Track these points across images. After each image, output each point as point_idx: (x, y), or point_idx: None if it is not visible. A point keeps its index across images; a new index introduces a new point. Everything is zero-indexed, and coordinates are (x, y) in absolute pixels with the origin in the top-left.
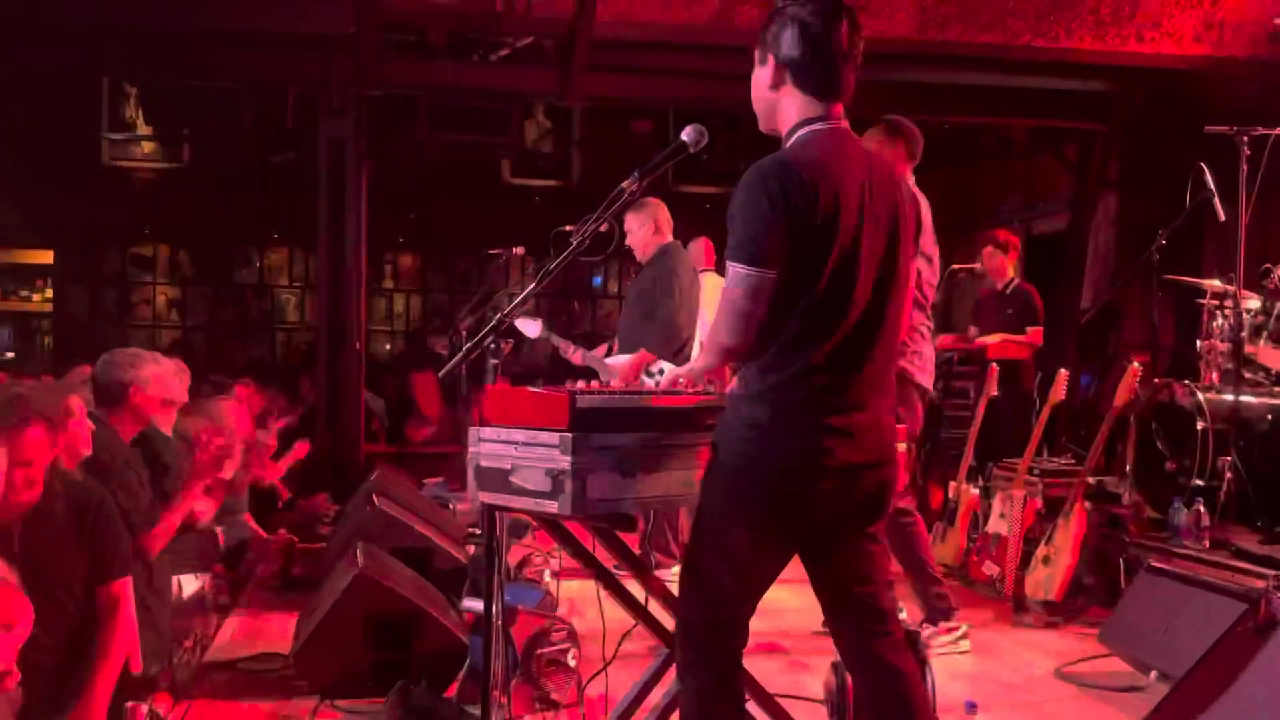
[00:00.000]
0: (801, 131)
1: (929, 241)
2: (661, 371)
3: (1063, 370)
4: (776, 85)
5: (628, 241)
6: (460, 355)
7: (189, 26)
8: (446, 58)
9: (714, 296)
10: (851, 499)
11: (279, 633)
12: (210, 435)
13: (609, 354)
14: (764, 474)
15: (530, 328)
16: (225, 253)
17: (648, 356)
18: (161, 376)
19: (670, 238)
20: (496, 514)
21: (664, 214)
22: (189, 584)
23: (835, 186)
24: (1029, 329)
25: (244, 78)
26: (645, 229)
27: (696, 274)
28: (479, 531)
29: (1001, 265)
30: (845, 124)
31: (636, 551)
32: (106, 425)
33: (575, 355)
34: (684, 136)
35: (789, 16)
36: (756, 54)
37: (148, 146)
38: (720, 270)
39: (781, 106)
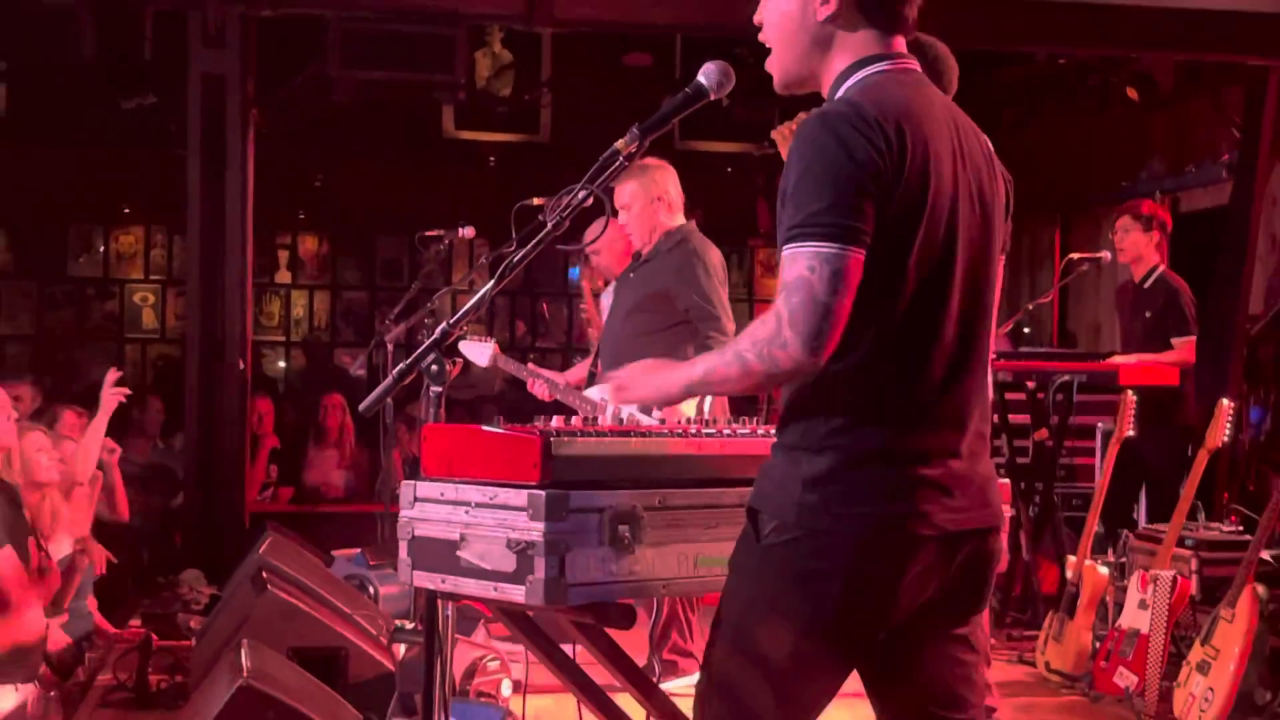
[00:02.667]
0: (862, 74)
1: None
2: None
3: (1225, 401)
4: (835, 16)
5: (631, 236)
6: (388, 381)
7: None
8: None
9: None
10: (944, 581)
11: None
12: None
13: (591, 382)
14: (833, 552)
15: (478, 353)
16: (56, 234)
17: None
18: None
19: (683, 217)
20: (439, 602)
21: (675, 184)
22: (4, 698)
23: (928, 144)
24: (1176, 340)
25: None
26: (649, 206)
27: (725, 269)
28: (411, 626)
29: (1141, 247)
30: (916, 64)
31: (639, 660)
32: None
33: (540, 388)
34: (701, 78)
35: None
36: None
37: None
38: None
39: (835, 44)
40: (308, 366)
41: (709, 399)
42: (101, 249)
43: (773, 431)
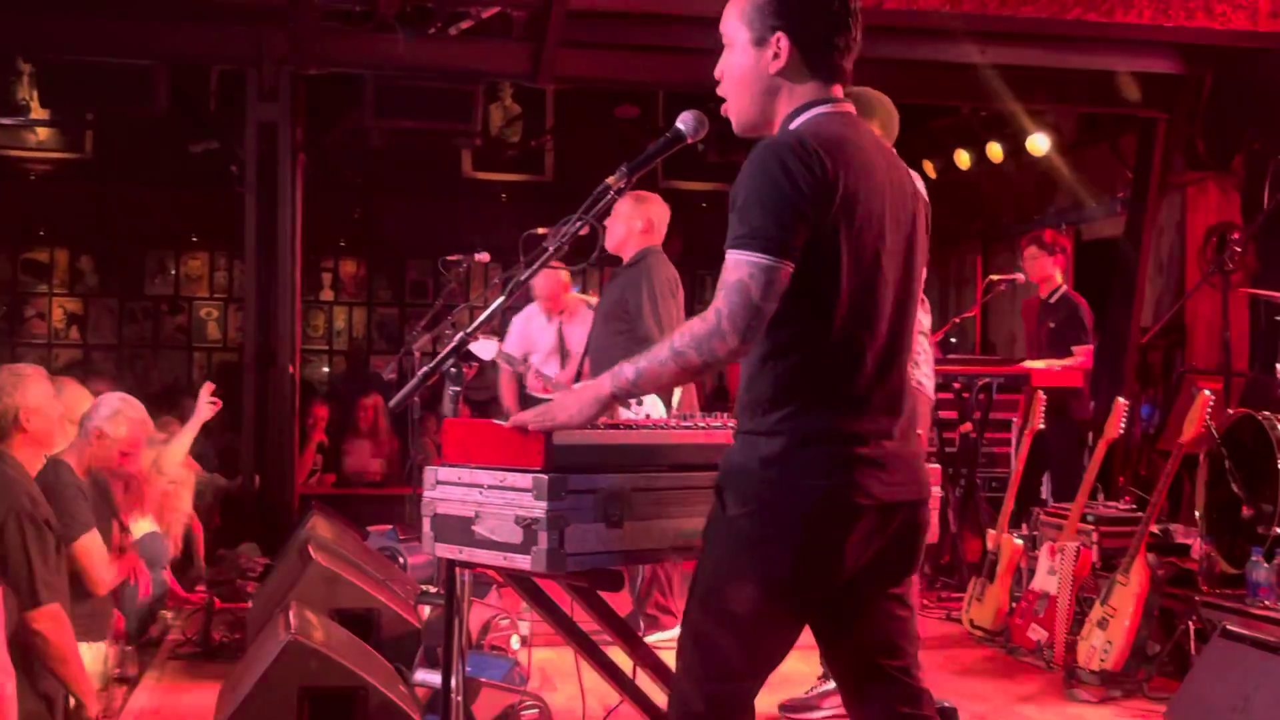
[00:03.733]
0: (805, 115)
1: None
2: (640, 402)
3: (1120, 399)
4: (783, 69)
5: (608, 235)
6: (414, 382)
7: None
8: (398, 30)
9: None
10: (882, 547)
11: (196, 711)
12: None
13: (578, 379)
14: (785, 520)
15: (484, 349)
16: (134, 259)
17: None
18: (49, 395)
19: (659, 241)
20: (456, 570)
21: (661, 214)
22: (86, 653)
23: (859, 172)
24: (1076, 348)
25: (158, 53)
26: (633, 224)
27: (678, 283)
28: (434, 590)
29: (1046, 269)
30: (852, 108)
31: (624, 613)
32: (7, 460)
33: (535, 381)
34: (680, 125)
35: None
36: (743, 33)
37: (43, 134)
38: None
39: (783, 92)
40: (348, 371)
41: (676, 395)
42: (173, 272)
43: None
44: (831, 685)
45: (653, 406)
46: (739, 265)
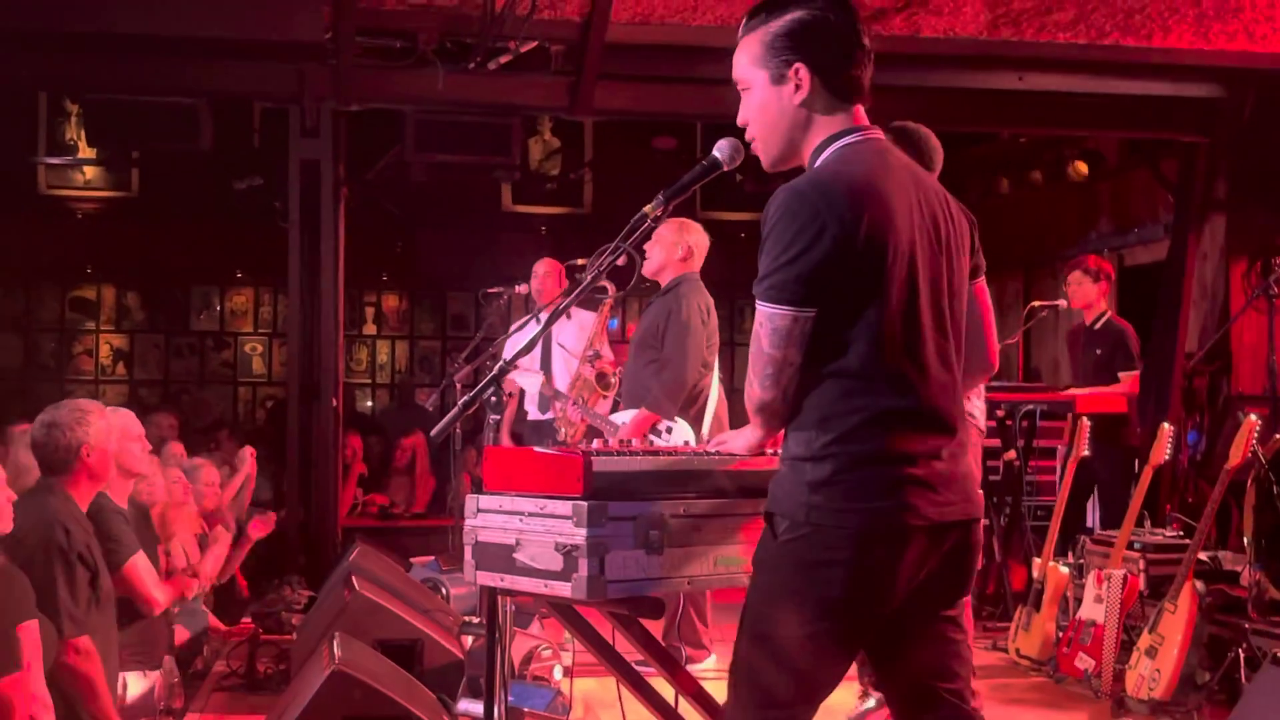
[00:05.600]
0: (834, 146)
1: None
2: (670, 430)
3: (1166, 425)
4: (807, 99)
5: (647, 260)
6: (455, 411)
7: (138, 32)
8: (437, 66)
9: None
10: (934, 568)
11: None
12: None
13: (615, 409)
14: (837, 543)
15: (529, 381)
16: (180, 295)
17: (651, 417)
18: (110, 431)
19: (697, 269)
20: (498, 599)
21: (702, 242)
22: (136, 683)
23: (884, 205)
24: (1123, 374)
25: (203, 91)
26: (673, 251)
27: (710, 310)
28: (477, 620)
29: (1090, 296)
30: (880, 132)
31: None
32: (57, 494)
33: (575, 412)
34: (716, 153)
35: (806, 16)
36: (760, 74)
37: (91, 172)
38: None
39: (810, 122)
40: (399, 405)
41: (707, 423)
42: (218, 307)
43: (774, 451)
44: (871, 704)
45: (684, 433)
46: (759, 316)
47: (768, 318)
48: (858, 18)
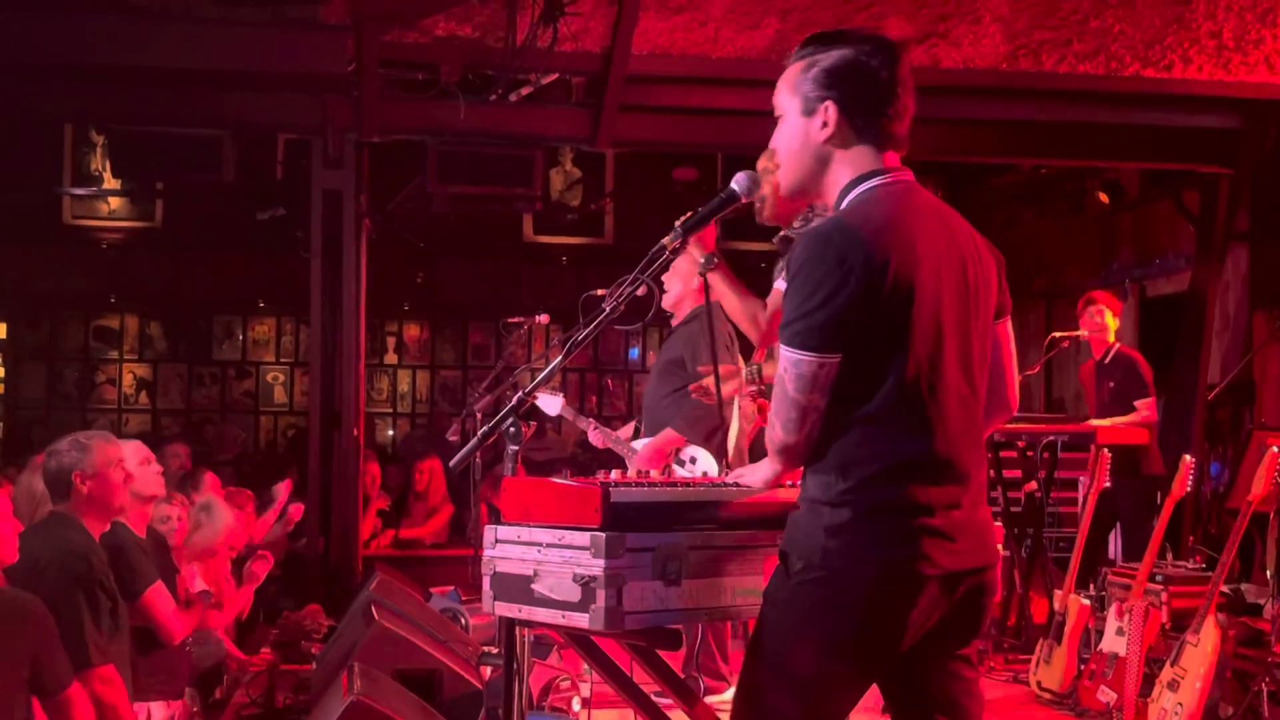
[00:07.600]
0: (861, 188)
1: None
2: (694, 460)
3: (1188, 457)
4: (832, 138)
5: (665, 294)
6: (474, 441)
7: (163, 65)
8: (459, 98)
9: None
10: (946, 612)
11: None
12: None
13: (635, 436)
14: (850, 587)
15: (550, 404)
16: (203, 324)
17: (675, 439)
18: (110, 459)
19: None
20: (517, 629)
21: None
22: (156, 713)
23: (910, 249)
24: (1138, 403)
25: (226, 123)
26: (690, 282)
27: (733, 338)
28: (496, 651)
29: (1101, 329)
30: (909, 174)
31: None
32: (70, 524)
33: (596, 435)
34: (734, 185)
35: (850, 56)
36: (793, 103)
37: (115, 203)
38: None
39: (834, 160)
40: (426, 435)
41: (730, 448)
42: (240, 336)
43: (793, 484)
44: None
45: (707, 465)
46: (784, 361)
47: (793, 363)
48: (903, 70)
